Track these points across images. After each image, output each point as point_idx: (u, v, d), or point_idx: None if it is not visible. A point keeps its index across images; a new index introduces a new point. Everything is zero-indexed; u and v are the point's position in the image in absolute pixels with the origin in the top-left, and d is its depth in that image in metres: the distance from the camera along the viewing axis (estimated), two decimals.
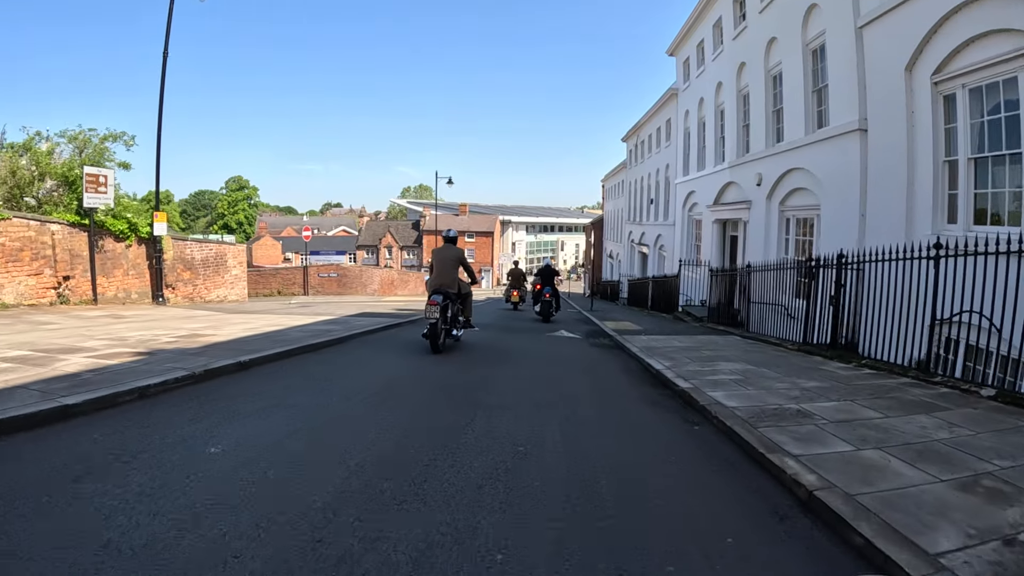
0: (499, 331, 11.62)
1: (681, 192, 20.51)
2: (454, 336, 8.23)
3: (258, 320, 10.79)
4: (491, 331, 11.29)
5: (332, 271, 27.65)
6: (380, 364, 6.77)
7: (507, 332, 11.46)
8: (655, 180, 25.15)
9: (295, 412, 4.29)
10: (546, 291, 15.27)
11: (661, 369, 6.64)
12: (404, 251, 69.92)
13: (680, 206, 20.49)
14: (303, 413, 4.28)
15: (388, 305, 18.55)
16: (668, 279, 18.60)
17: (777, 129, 13.33)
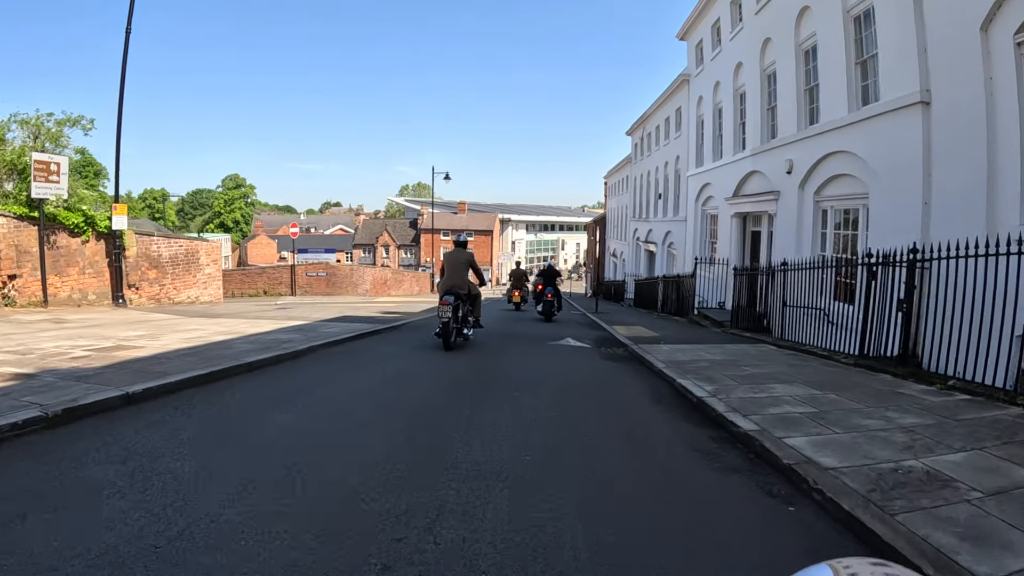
0: (499, 340, 10.09)
1: (694, 185, 18.98)
2: (464, 335, 8.45)
3: (213, 326, 9.27)
4: (489, 342, 9.74)
5: (320, 270, 26.12)
6: (330, 391, 5.25)
7: (507, 341, 9.94)
8: (663, 174, 23.62)
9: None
10: (548, 291, 15.06)
11: (704, 397, 5.10)
12: (401, 250, 68.37)
13: (692, 200, 18.96)
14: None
15: (376, 307, 17.03)
16: (682, 279, 17.07)
17: (810, 110, 11.80)
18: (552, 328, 13.21)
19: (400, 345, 8.44)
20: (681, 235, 20.32)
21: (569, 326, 13.89)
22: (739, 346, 9.24)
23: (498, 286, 50.07)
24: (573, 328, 12.96)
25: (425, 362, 6.87)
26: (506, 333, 11.52)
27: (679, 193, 21.25)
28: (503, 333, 11.49)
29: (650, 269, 26.29)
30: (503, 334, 11.27)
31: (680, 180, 21.09)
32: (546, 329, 12.94)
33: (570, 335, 11.16)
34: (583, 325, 14.03)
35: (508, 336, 10.70)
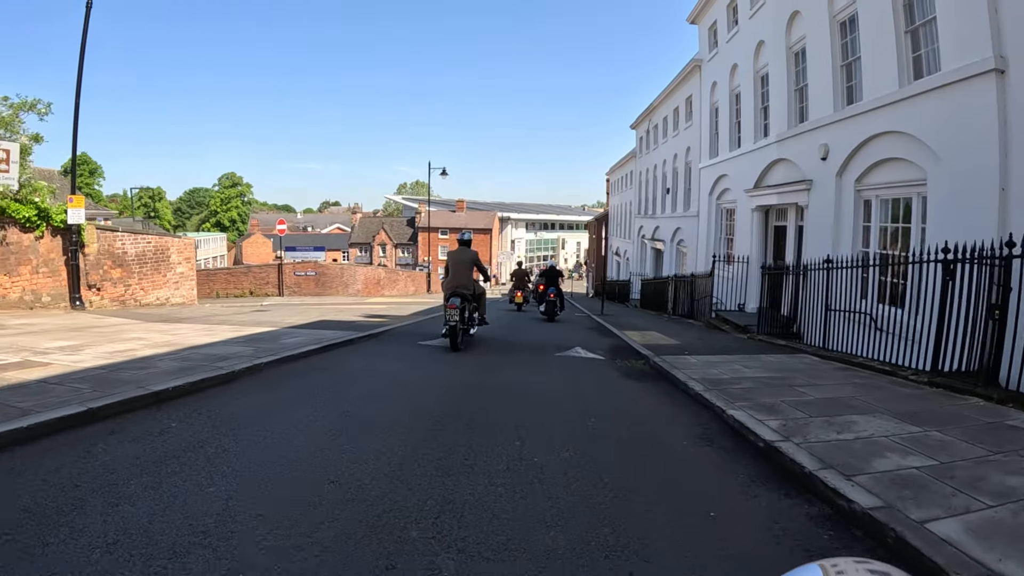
0: (500, 349, 8.78)
1: (707, 178, 17.64)
2: (470, 334, 8.49)
3: (159, 335, 7.93)
4: (489, 352, 8.42)
5: (309, 269, 24.78)
6: (227, 461, 3.42)
7: (509, 351, 8.62)
8: (672, 167, 22.28)
9: None
10: (550, 291, 14.86)
11: (775, 441, 3.75)
12: (399, 249, 67.01)
13: (706, 194, 17.63)
14: None
15: (363, 309, 15.68)
16: (696, 279, 15.74)
17: (848, 88, 10.47)
18: (557, 332, 11.89)
19: (375, 359, 7.09)
20: (692, 232, 18.99)
21: (576, 330, 12.56)
22: (776, 357, 7.91)
23: (497, 285, 48.75)
24: (581, 333, 11.62)
25: (401, 387, 5.49)
26: (508, 340, 10.20)
27: (690, 187, 19.93)
28: (504, 340, 10.17)
29: (657, 268, 24.95)
30: (504, 341, 9.94)
31: (691, 173, 19.77)
32: (551, 333, 11.62)
33: (579, 343, 9.83)
34: (591, 330, 12.69)
35: (510, 345, 9.36)
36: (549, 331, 12.27)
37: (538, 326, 13.34)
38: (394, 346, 8.20)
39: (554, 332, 12.10)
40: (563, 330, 12.52)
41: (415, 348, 7.93)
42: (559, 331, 12.31)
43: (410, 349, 7.78)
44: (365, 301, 21.26)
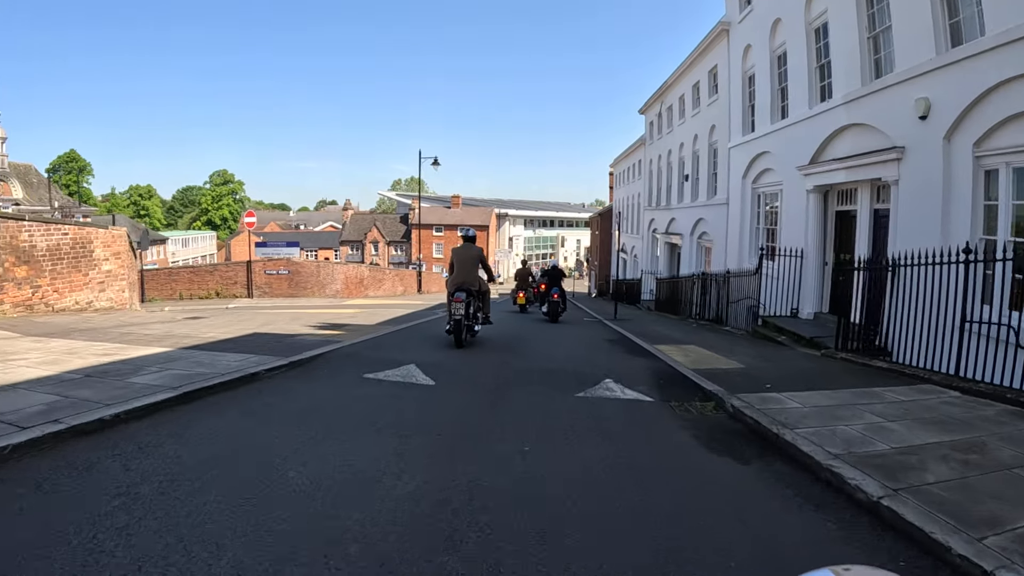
0: (498, 374, 6.30)
1: (739, 158, 15.02)
2: (474, 332, 8.25)
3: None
4: (485, 378, 5.83)
5: (281, 267, 22.10)
6: None
7: (510, 378, 6.09)
8: (690, 151, 19.65)
9: None
10: (554, 291, 14.21)
11: None
12: (391, 247, 64.28)
13: (737, 177, 15.00)
14: None
15: (326, 316, 13.00)
16: (733, 277, 13.10)
17: (952, 25, 7.85)
18: (570, 343, 9.40)
19: (263, 420, 4.15)
20: (719, 222, 16.36)
21: (593, 342, 9.98)
22: (901, 393, 5.27)
23: (495, 286, 46.14)
24: (603, 352, 8.99)
25: (260, 511, 2.89)
26: (509, 354, 7.65)
27: (715, 171, 17.30)
28: (504, 354, 7.62)
29: (673, 266, 22.33)
30: (504, 355, 7.41)
31: (717, 155, 17.15)
32: (563, 345, 9.08)
33: (606, 368, 7.20)
34: (612, 343, 10.05)
35: (508, 370, 6.71)
36: (558, 340, 9.69)
37: (544, 332, 11.72)
38: (323, 383, 5.41)
39: (566, 343, 9.52)
40: (575, 340, 9.98)
41: (355, 387, 5.20)
42: (571, 341, 9.76)
43: (346, 390, 5.07)
44: (340, 304, 18.59)
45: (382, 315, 13.50)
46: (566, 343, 9.56)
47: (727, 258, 15.57)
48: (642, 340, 9.85)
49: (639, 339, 10.05)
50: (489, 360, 7.29)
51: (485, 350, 8.07)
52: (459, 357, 7.20)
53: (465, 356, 7.34)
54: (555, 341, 9.93)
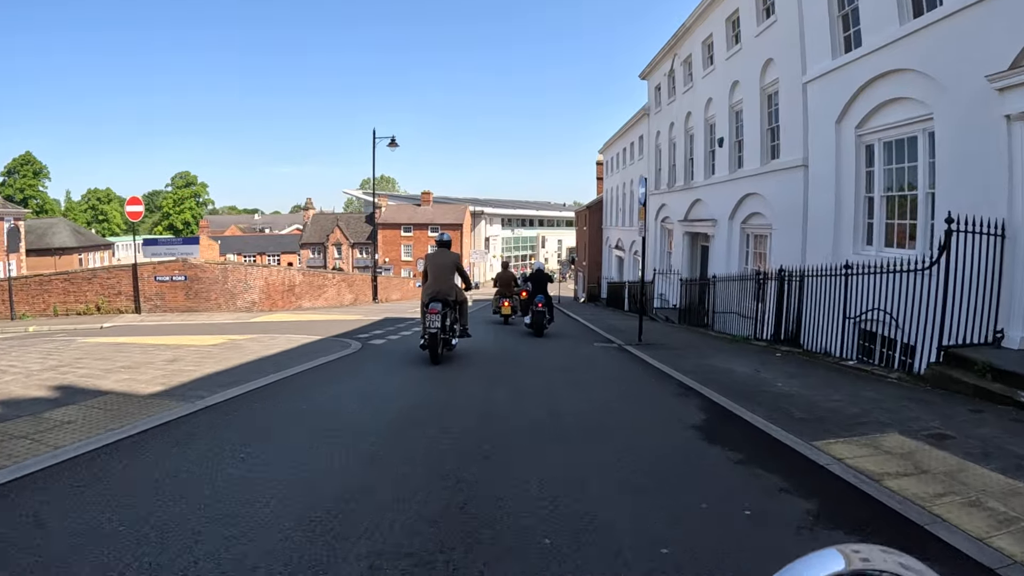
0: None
1: (827, 96, 9.90)
2: (451, 345, 7.66)
3: None
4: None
5: (175, 272, 16.32)
6: None
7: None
8: (724, 106, 14.53)
9: None
10: (538, 300, 11.65)
11: None
12: (356, 249, 58.25)
13: (828, 123, 9.86)
14: None
15: (192, 352, 7.48)
16: (865, 274, 7.82)
17: None
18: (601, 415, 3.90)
19: None
20: (788, 195, 11.19)
21: (662, 432, 4.53)
22: None
23: (470, 291, 40.61)
24: (688, 455, 3.58)
25: None
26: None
27: (774, 123, 12.15)
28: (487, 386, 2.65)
29: (695, 263, 17.17)
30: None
31: (776, 101, 12.02)
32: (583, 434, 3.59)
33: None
34: (692, 433, 4.60)
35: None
36: (563, 379, 4.45)
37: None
38: None
39: (581, 389, 4.17)
40: (596, 382, 4.77)
41: None
42: (589, 384, 4.43)
43: None
44: (244, 323, 12.97)
45: (284, 342, 8.26)
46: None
47: (807, 247, 10.40)
48: (737, 405, 4.59)
49: (726, 400, 4.80)
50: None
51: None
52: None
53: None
54: (562, 381, 4.72)
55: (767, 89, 12.48)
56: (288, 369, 6.34)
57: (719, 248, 14.64)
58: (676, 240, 18.49)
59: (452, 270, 7.58)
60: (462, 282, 7.96)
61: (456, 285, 7.71)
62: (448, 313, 7.29)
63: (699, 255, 17.07)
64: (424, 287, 7.43)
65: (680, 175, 18.28)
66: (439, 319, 6.91)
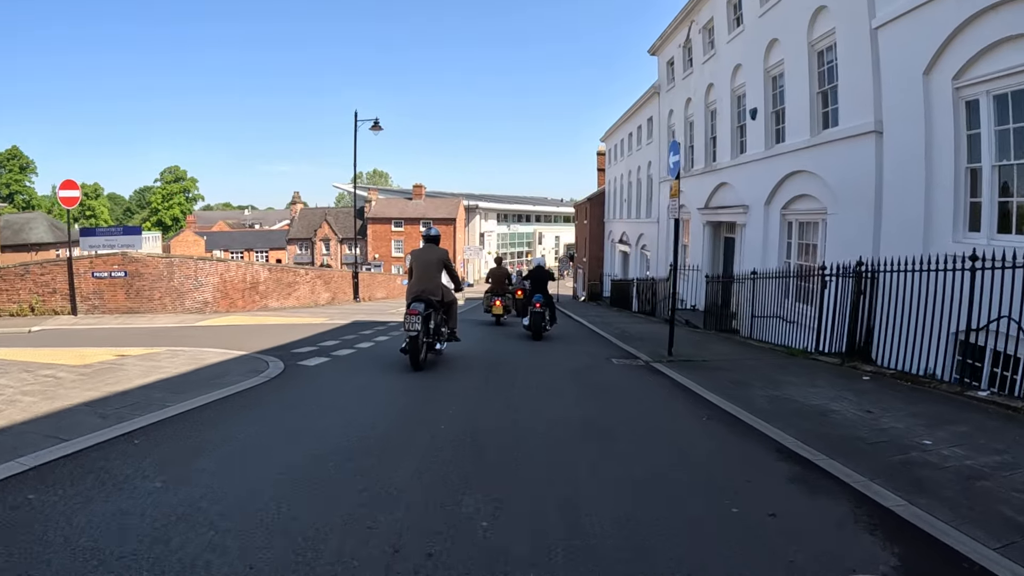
0: None
1: (909, 39, 7.68)
2: (436, 350, 7.15)
3: None
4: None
5: (114, 266, 13.98)
6: None
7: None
8: (757, 70, 12.30)
9: None
10: (537, 299, 10.43)
11: None
12: (344, 245, 55.81)
13: (911, 77, 7.64)
14: None
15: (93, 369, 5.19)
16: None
17: None
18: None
19: None
20: (854, 173, 8.96)
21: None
22: None
23: (461, 292, 38.33)
24: None
25: None
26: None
27: (830, 83, 9.90)
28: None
29: (717, 258, 14.96)
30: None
31: (831, 57, 9.77)
32: None
33: None
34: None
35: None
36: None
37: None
38: None
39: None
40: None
41: None
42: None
43: None
44: (199, 324, 10.68)
45: (184, 361, 6.12)
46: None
47: (881, 235, 8.21)
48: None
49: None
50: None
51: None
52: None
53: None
54: (576, 438, 2.79)
55: (816, 44, 10.24)
56: (138, 417, 4.09)
57: (751, 239, 12.41)
58: (694, 231, 16.25)
59: (439, 268, 6.92)
60: (451, 281, 7.30)
61: (443, 284, 7.09)
62: (432, 315, 6.72)
63: (722, 248, 14.85)
64: (408, 286, 6.91)
65: (699, 157, 16.02)
66: (419, 321, 6.26)
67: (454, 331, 7.44)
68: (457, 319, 7.60)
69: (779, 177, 11.12)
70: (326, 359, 7.17)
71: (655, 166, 20.70)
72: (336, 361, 7.12)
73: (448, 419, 4.28)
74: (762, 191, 11.74)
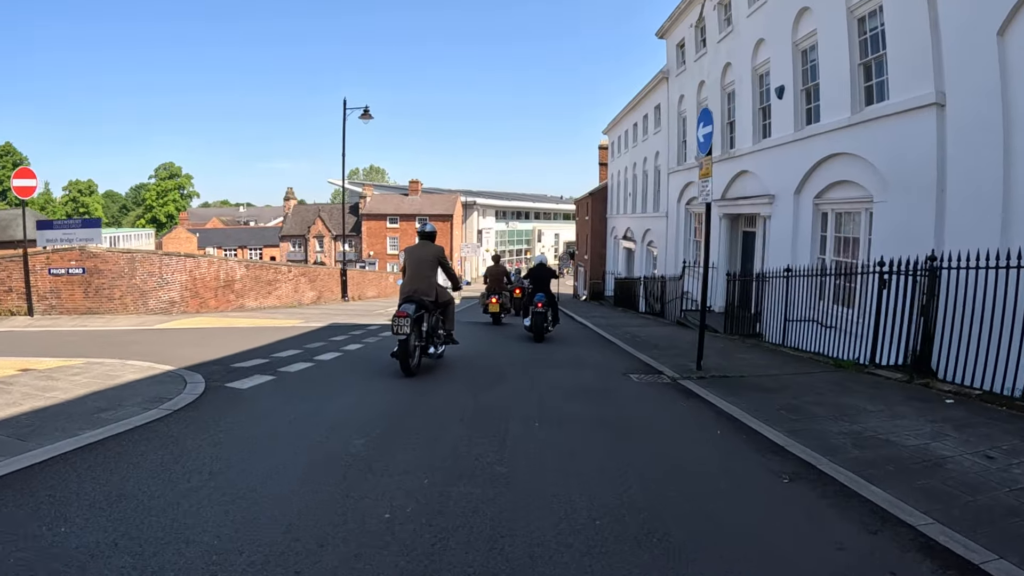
0: None
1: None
2: (432, 355, 6.50)
3: None
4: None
5: (72, 262, 12.68)
6: None
7: None
8: (783, 47, 11.01)
9: None
10: (539, 299, 9.84)
11: None
12: (339, 241, 54.43)
13: (989, 36, 6.36)
14: None
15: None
16: None
17: None
18: None
19: None
20: (909, 153, 7.68)
21: None
22: None
23: (458, 291, 37.04)
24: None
25: None
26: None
27: (880, 54, 8.60)
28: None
29: (734, 254, 13.68)
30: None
31: (891, 17, 8.45)
32: None
33: None
34: None
35: None
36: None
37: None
38: None
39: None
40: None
41: None
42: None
43: None
44: (151, 328, 9.39)
45: (84, 384, 4.60)
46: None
47: (945, 224, 6.95)
48: None
49: None
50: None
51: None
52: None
53: None
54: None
55: (856, 9, 8.94)
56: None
57: (778, 232, 11.13)
58: (717, 225, 14.94)
59: (434, 265, 6.48)
60: (449, 280, 6.98)
61: (439, 284, 6.63)
62: (425, 317, 6.26)
63: (740, 243, 13.58)
64: (401, 286, 6.54)
65: (715, 144, 14.69)
66: (408, 324, 5.77)
67: (451, 333, 6.94)
68: (455, 320, 7.08)
69: (812, 162, 9.82)
70: (269, 378, 5.78)
71: (663, 156, 19.41)
72: (280, 381, 5.68)
73: (402, 509, 2.76)
74: (791, 178, 10.45)
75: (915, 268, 6.55)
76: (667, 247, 18.57)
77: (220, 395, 4.99)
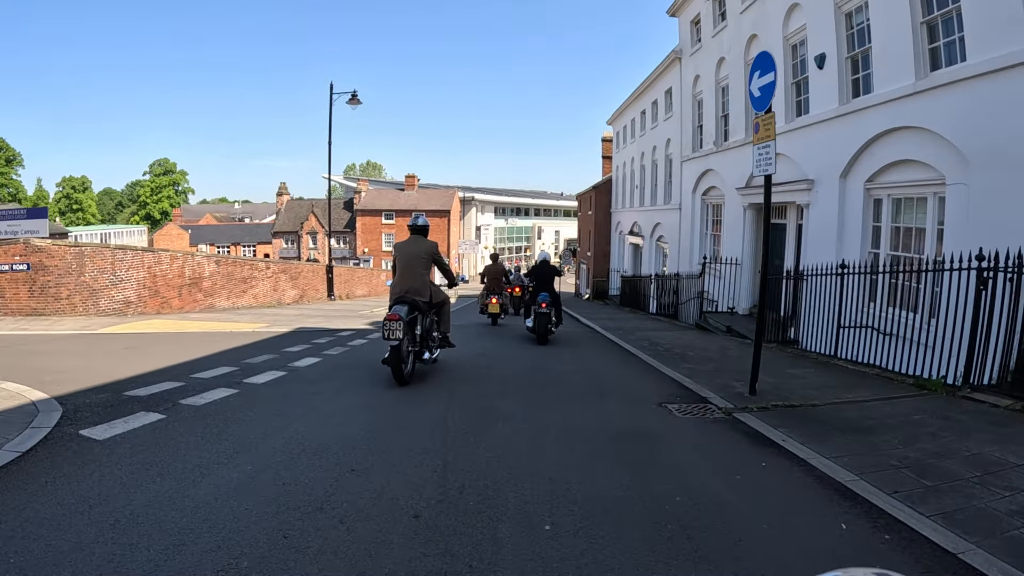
0: None
1: None
2: (426, 360, 6.07)
3: None
4: None
5: (16, 258, 11.20)
6: None
7: None
8: (822, 12, 9.54)
9: None
10: (542, 299, 9.17)
11: None
12: (333, 238, 52.87)
13: None
14: None
15: None
16: None
17: None
18: None
19: None
20: (999, 124, 6.23)
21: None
22: None
23: (454, 288, 35.57)
24: None
25: None
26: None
27: (952, 8, 7.15)
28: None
29: (759, 249, 12.23)
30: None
31: None
32: None
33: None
34: None
35: None
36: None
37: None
38: None
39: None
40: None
41: None
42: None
43: None
44: (93, 332, 7.96)
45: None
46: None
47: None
48: None
49: None
50: None
51: None
52: None
53: None
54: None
55: None
56: None
57: (819, 222, 9.67)
58: (730, 217, 13.50)
59: (427, 263, 5.99)
60: (444, 276, 6.64)
61: (432, 282, 6.18)
62: (418, 319, 5.82)
63: (757, 236, 12.12)
64: (391, 285, 6.04)
65: (737, 126, 13.25)
66: (400, 327, 5.23)
67: (447, 336, 6.49)
68: (450, 322, 6.58)
69: (864, 140, 8.36)
70: (157, 417, 4.10)
71: (675, 144, 17.94)
72: (166, 427, 3.91)
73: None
74: (836, 160, 8.99)
75: (1021, 264, 5.13)
76: (680, 242, 17.11)
77: (56, 451, 3.36)
